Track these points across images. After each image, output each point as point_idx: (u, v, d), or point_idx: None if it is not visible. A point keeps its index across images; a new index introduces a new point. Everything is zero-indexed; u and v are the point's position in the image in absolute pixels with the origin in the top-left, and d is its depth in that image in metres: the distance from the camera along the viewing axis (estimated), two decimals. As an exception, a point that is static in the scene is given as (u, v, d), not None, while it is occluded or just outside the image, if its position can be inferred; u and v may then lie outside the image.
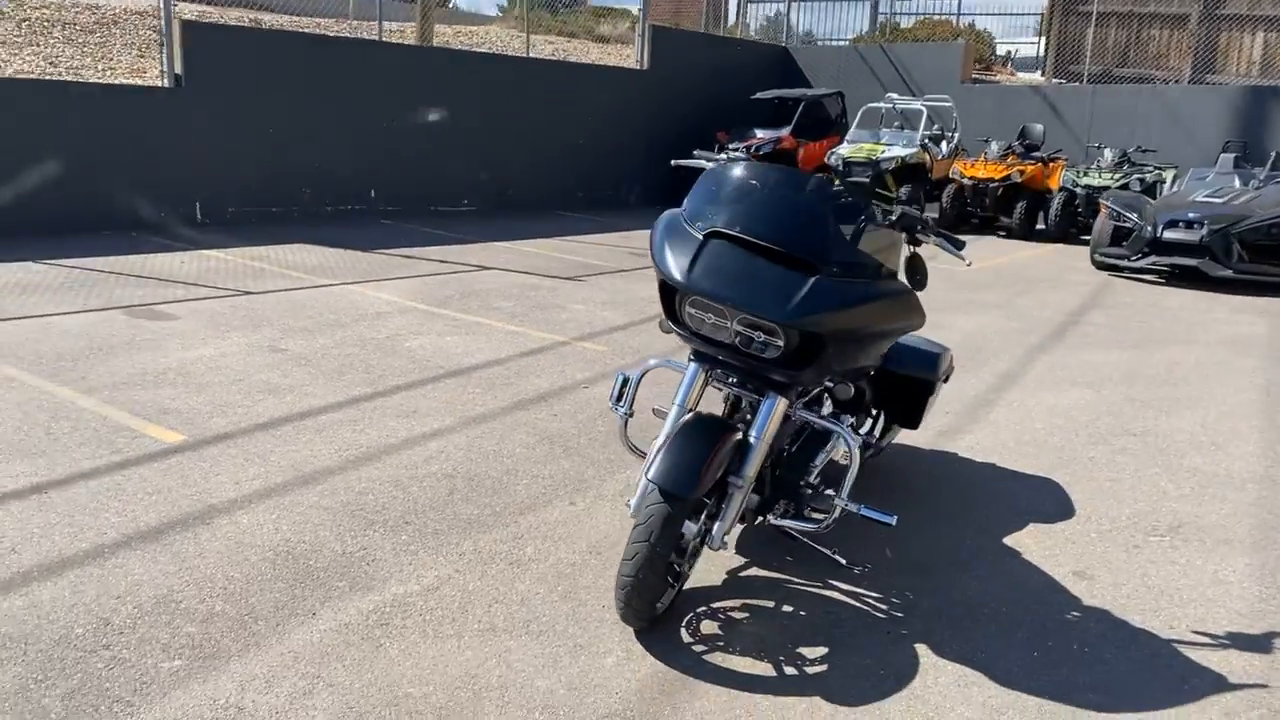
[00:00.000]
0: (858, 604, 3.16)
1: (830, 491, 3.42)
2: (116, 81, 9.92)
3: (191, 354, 5.50)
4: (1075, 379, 6.07)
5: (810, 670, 2.77)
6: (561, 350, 6.12)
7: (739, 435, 2.92)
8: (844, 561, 3.40)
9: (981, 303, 8.54)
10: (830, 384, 3.11)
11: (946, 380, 4.10)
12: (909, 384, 3.94)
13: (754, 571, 3.35)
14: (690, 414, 2.99)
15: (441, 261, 8.98)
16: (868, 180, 13.61)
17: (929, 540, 3.68)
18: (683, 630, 2.94)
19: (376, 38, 11.55)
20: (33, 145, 8.66)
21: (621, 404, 3.30)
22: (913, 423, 4.09)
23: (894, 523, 3.14)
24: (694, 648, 2.86)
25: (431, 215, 11.82)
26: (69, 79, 9.85)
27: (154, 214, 9.47)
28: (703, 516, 2.89)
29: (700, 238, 2.89)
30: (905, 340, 4.04)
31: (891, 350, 3.96)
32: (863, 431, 3.87)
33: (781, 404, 2.98)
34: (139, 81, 10.09)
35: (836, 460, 3.56)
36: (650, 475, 2.70)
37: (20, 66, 10.31)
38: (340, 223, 10.80)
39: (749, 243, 2.82)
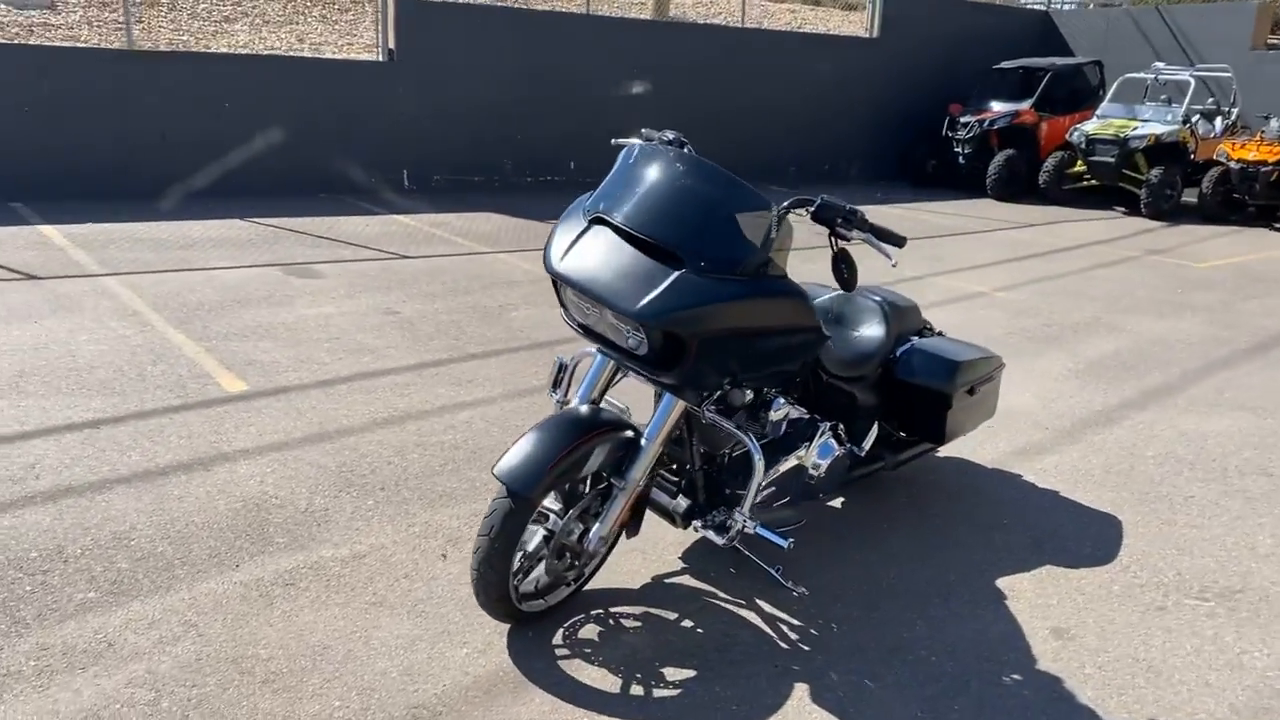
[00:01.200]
0: (768, 630, 2.90)
1: (778, 502, 3.17)
2: (337, 56, 10.81)
3: (312, 311, 5.94)
4: (1244, 403, 5.17)
5: (658, 693, 2.58)
6: (662, 329, 6.01)
7: (625, 434, 2.76)
8: (784, 581, 3.12)
9: (1191, 304, 7.45)
10: (726, 387, 2.85)
11: (972, 392, 3.63)
12: (917, 393, 3.53)
13: (684, 580, 3.16)
14: (586, 406, 2.85)
15: (608, 233, 9.07)
16: (1112, 160, 12.23)
17: (909, 570, 3.29)
18: (560, 632, 2.84)
19: (584, 11, 11.79)
20: (263, 114, 9.64)
21: (558, 391, 3.20)
22: (936, 437, 3.66)
23: (787, 547, 2.85)
24: (557, 651, 2.75)
25: (630, 186, 11.97)
26: (299, 54, 10.85)
27: (366, 180, 10.27)
28: (571, 514, 2.76)
29: (585, 223, 2.74)
30: (930, 344, 3.62)
31: (904, 354, 3.57)
32: (862, 443, 3.51)
33: (678, 405, 2.78)
34: (362, 56, 10.93)
35: (808, 470, 3.25)
36: (495, 467, 2.61)
37: (274, 43, 11.50)
38: (535, 193, 11.19)
39: (629, 232, 2.64)
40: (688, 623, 2.92)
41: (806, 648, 2.82)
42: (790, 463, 3.21)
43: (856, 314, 3.65)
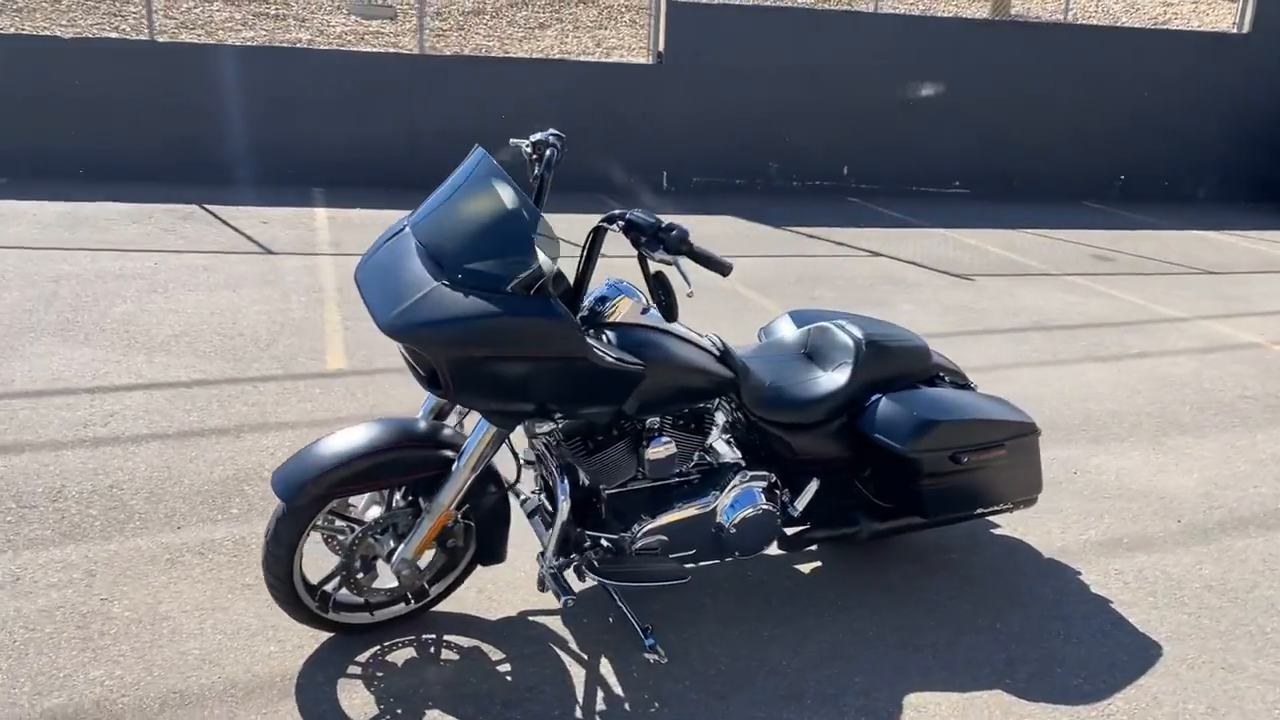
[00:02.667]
0: (580, 693, 2.59)
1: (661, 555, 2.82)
2: (608, 60, 11.16)
3: (469, 301, 6.21)
4: None
5: None
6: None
7: (443, 454, 2.60)
8: (645, 642, 2.76)
9: None
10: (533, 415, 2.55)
11: (957, 460, 2.96)
12: (879, 453, 2.96)
13: (546, 620, 2.92)
14: (425, 421, 2.72)
15: (838, 244, 8.55)
16: None
17: (815, 660, 2.78)
18: (372, 650, 2.74)
19: (871, 8, 11.14)
20: (536, 114, 10.23)
21: None
22: (916, 509, 3.05)
23: (563, 604, 2.51)
24: (351, 668, 2.66)
25: (907, 196, 11.15)
26: (577, 58, 11.34)
27: (624, 180, 10.53)
28: (370, 528, 2.63)
29: (399, 228, 2.61)
30: (916, 395, 3.02)
31: (873, 403, 3.00)
32: (796, 501, 3.00)
33: (488, 432, 2.56)
34: (635, 59, 11.21)
35: (717, 521, 2.84)
36: (275, 470, 2.56)
37: (571, 46, 12.15)
38: (798, 199, 10.80)
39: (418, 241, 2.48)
40: (506, 666, 2.69)
41: (601, 722, 2.48)
42: (692, 510, 2.84)
43: (827, 350, 3.14)
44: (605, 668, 2.70)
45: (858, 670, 2.74)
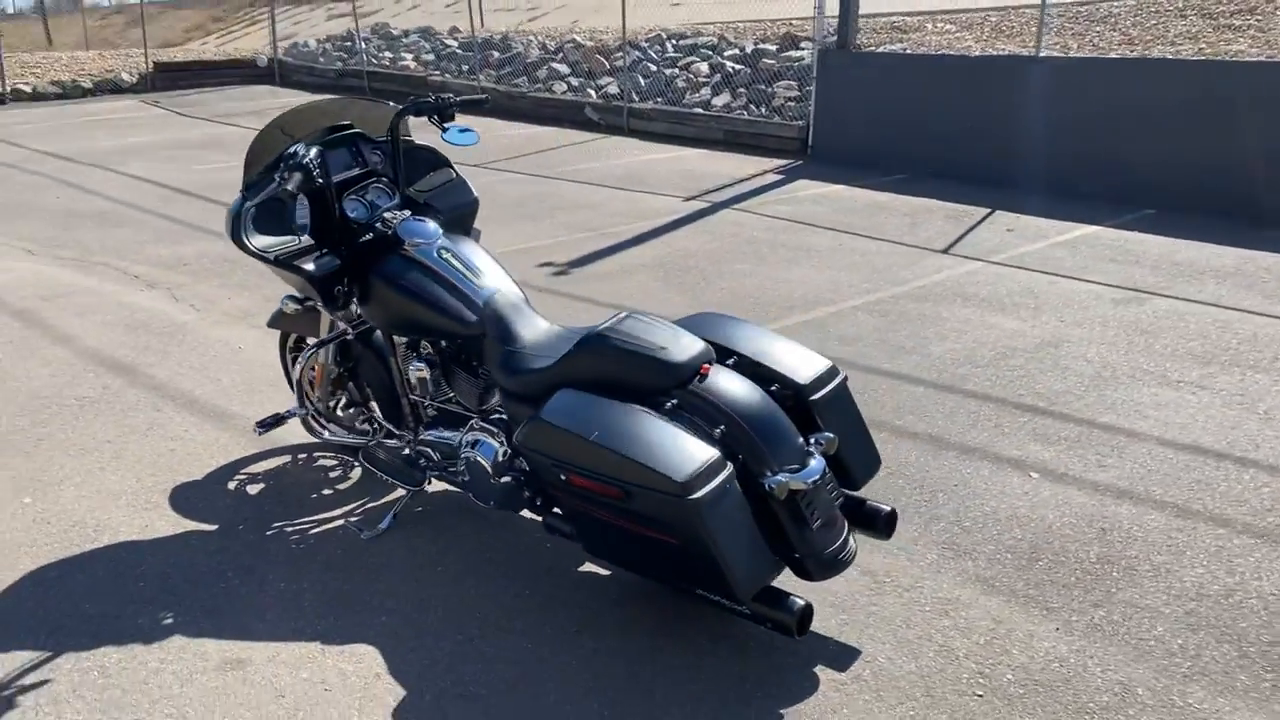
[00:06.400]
0: (262, 555, 3.12)
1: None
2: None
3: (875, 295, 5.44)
4: None
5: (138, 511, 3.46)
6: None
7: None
8: (387, 519, 3.28)
9: None
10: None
11: (558, 475, 2.33)
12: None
13: (383, 493, 3.41)
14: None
15: None
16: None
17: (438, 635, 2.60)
18: (283, 458, 3.70)
19: None
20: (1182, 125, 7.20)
21: None
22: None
23: (256, 431, 3.45)
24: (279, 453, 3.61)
25: None
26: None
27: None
28: (305, 359, 3.59)
29: None
30: (578, 397, 2.63)
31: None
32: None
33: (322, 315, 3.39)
34: None
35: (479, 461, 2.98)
36: None
37: None
38: None
39: None
40: (305, 491, 3.40)
41: (229, 595, 3.00)
42: (441, 438, 3.14)
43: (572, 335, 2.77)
44: (319, 533, 3.19)
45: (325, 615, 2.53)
